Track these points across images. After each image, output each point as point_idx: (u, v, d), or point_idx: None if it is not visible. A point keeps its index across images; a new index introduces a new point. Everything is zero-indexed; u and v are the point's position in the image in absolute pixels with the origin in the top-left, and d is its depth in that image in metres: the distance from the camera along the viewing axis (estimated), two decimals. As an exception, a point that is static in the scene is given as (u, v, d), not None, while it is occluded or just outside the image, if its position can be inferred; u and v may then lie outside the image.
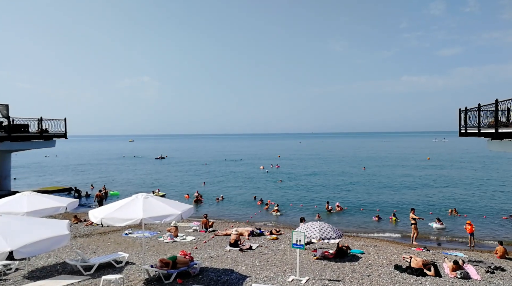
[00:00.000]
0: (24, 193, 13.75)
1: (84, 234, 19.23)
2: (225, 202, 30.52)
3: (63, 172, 57.67)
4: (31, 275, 12.44)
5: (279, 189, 36.69)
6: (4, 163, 30.77)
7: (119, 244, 17.10)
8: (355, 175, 46.97)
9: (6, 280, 11.89)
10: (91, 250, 15.97)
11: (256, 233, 18.68)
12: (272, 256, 14.79)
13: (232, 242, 16.18)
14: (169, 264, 11.74)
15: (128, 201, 11.63)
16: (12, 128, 28.71)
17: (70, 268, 13.02)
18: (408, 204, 28.16)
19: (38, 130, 30.65)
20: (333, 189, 36.20)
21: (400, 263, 13.58)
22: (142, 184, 42.13)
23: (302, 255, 14.50)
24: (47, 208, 12.99)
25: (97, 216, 10.98)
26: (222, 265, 13.51)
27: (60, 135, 32.54)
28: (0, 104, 28.55)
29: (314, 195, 32.94)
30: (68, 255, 14.79)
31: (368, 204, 28.45)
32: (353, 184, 39.27)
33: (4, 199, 13.34)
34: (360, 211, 26.11)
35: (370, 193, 33.40)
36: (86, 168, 63.31)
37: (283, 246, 16.43)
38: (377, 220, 23.44)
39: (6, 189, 30.05)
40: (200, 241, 17.57)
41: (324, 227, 14.25)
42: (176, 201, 13.10)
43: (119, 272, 12.51)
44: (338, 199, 29.62)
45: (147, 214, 10.80)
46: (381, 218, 23.69)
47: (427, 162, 64.82)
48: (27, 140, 30.53)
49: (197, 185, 39.91)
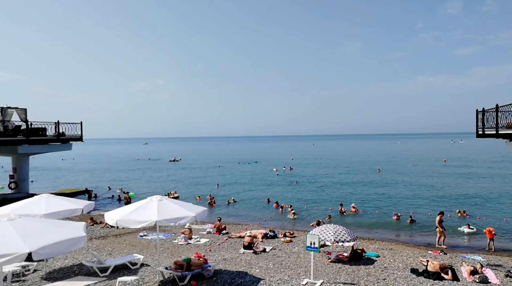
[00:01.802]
0: (42, 195, 13.99)
1: (100, 235, 19.49)
2: (238, 204, 30.54)
3: (80, 174, 58.59)
4: (49, 276, 12.66)
5: (293, 191, 36.55)
6: (23, 166, 31.41)
7: (134, 246, 17.27)
8: (370, 177, 46.48)
9: (25, 281, 12.12)
10: (107, 251, 16.16)
11: (270, 236, 18.63)
12: (286, 258, 14.73)
13: (246, 245, 16.16)
14: (184, 266, 11.80)
15: (143, 203, 11.74)
16: (30, 132, 29.33)
17: (86, 269, 13.20)
18: (424, 207, 27.75)
19: (55, 133, 31.24)
20: (347, 191, 35.89)
21: (417, 267, 13.36)
22: (157, 186, 42.50)
23: (316, 258, 14.40)
24: (64, 210, 13.18)
25: (113, 218, 11.12)
26: (236, 267, 13.51)
27: (76, 139, 33.10)
28: (19, 108, 29.22)
29: (328, 197, 32.71)
30: (84, 257, 15.01)
31: (383, 206, 28.11)
32: (367, 186, 38.87)
33: (23, 201, 13.60)
34: (375, 214, 25.82)
35: (385, 195, 33.00)
36: (102, 171, 64.18)
37: (297, 249, 16.34)
38: (396, 219, 23.17)
39: (25, 191, 30.67)
40: (214, 243, 17.62)
41: (339, 229, 14.12)
42: (190, 203, 13.16)
43: (134, 274, 12.62)
44: (353, 201, 29.32)
45: (162, 216, 10.89)
46: (400, 218, 23.40)
47: (444, 163, 63.76)
48: (44, 144, 31.15)
49: (210, 187, 40.07)
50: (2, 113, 28.30)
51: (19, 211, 12.14)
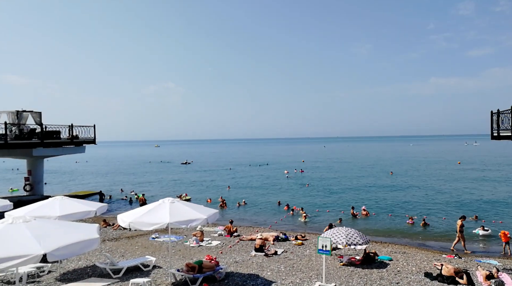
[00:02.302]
0: (56, 197, 14.20)
1: (113, 237, 19.68)
2: (249, 206, 30.53)
3: (93, 177, 59.31)
4: (63, 277, 12.82)
5: (304, 194, 36.41)
6: (38, 169, 31.93)
7: (146, 248, 17.39)
8: (382, 180, 46.04)
9: (40, 282, 12.30)
10: (120, 253, 16.31)
11: (281, 238, 18.58)
12: (297, 261, 14.67)
13: (257, 247, 16.15)
14: (195, 269, 11.84)
15: (155, 205, 11.84)
16: (45, 135, 29.82)
17: (99, 271, 13.34)
18: (438, 210, 27.36)
19: (69, 136, 31.71)
20: (358, 194, 35.60)
21: (431, 271, 13.17)
22: (168, 188, 42.76)
23: (328, 261, 14.31)
24: (78, 212, 13.36)
25: (126, 220, 11.23)
26: (247, 270, 13.50)
27: (89, 141, 33.54)
28: (34, 112, 29.76)
29: (339, 200, 32.49)
30: (97, 258, 15.17)
31: (396, 209, 27.80)
32: (380, 189, 38.50)
33: (38, 203, 13.84)
34: (388, 217, 25.54)
35: (397, 198, 32.64)
36: (115, 173, 64.85)
37: (308, 252, 16.26)
38: (411, 223, 22.84)
39: (39, 193, 31.15)
40: (225, 246, 17.64)
41: (351, 232, 14.01)
42: (201, 206, 13.21)
43: (146, 275, 12.71)
44: (364, 204, 29.06)
45: (174, 218, 10.96)
46: (415, 221, 23.08)
47: (458, 166, 62.82)
48: (58, 147, 31.64)
49: (221, 190, 40.15)
50: (17, 116, 28.86)
51: (34, 213, 12.34)
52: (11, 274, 12.48)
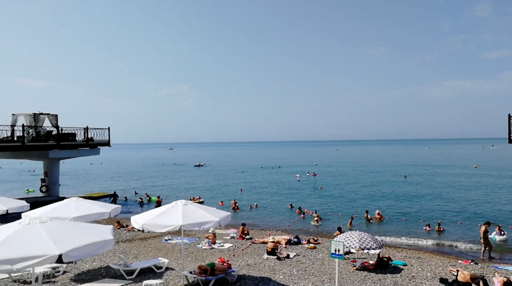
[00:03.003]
0: (71, 198, 14.42)
1: (126, 239, 19.88)
2: (261, 209, 30.50)
3: (107, 179, 60.07)
4: (78, 278, 13.00)
5: (316, 197, 36.21)
6: (54, 170, 32.48)
7: (159, 249, 17.51)
8: (396, 184, 45.50)
9: (55, 282, 12.49)
10: (133, 255, 16.46)
11: (293, 242, 18.49)
12: (310, 265, 14.58)
13: (269, 250, 16.10)
14: (208, 271, 11.86)
15: (168, 207, 11.91)
16: (61, 137, 30.37)
17: (113, 272, 13.47)
18: (454, 214, 26.89)
19: (84, 139, 32.22)
20: (372, 198, 35.24)
21: (446, 276, 12.94)
22: (181, 190, 43.03)
23: (341, 265, 14.18)
24: (92, 214, 13.53)
25: (139, 222, 11.33)
26: (259, 273, 13.47)
27: (104, 144, 34.01)
28: (50, 114, 30.35)
29: (352, 204, 32.21)
30: (111, 259, 15.33)
31: (410, 214, 27.42)
32: (393, 193, 38.05)
33: (53, 204, 14.07)
34: (402, 221, 25.21)
35: (411, 202, 32.20)
36: (128, 175, 65.57)
37: (321, 255, 16.15)
38: (428, 229, 22.39)
39: (55, 194, 31.68)
40: (237, 249, 17.64)
41: (364, 236, 13.85)
42: (214, 208, 13.26)
43: (159, 277, 12.79)
44: (378, 208, 28.75)
45: (186, 220, 11.01)
46: (431, 227, 22.66)
47: (475, 170, 61.70)
48: (74, 149, 32.18)
49: (234, 192, 40.22)
50: (34, 119, 29.46)
51: (50, 213, 12.53)
52: (27, 274, 12.69)
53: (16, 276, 12.69)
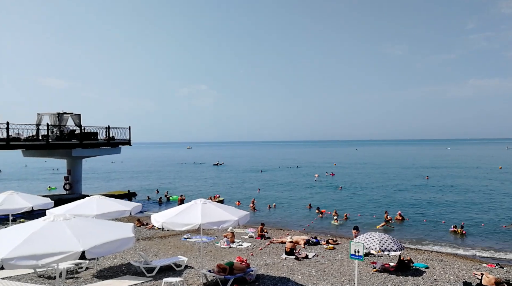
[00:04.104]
0: (93, 196, 14.71)
1: (146, 237, 20.16)
2: (279, 209, 30.42)
3: (128, 177, 61.10)
4: (100, 274, 13.26)
5: (336, 197, 35.88)
6: (76, 168, 33.22)
7: (179, 248, 17.69)
8: (417, 184, 44.63)
9: (78, 278, 12.79)
10: (153, 252, 16.68)
11: (312, 242, 18.37)
12: (329, 266, 14.45)
13: (288, 250, 16.05)
14: (226, 270, 11.91)
15: (188, 206, 12.01)
16: (83, 136, 31.05)
17: (134, 269, 13.69)
18: (477, 216, 26.18)
19: (105, 138, 32.85)
20: (392, 198, 34.66)
21: (470, 280, 12.61)
22: (200, 189, 43.35)
23: (361, 267, 14.00)
24: (114, 211, 13.77)
25: (159, 220, 11.46)
26: (278, 273, 13.44)
27: (125, 143, 34.58)
28: (74, 114, 31.06)
29: (372, 204, 31.77)
30: (132, 257, 15.58)
31: (431, 215, 26.85)
32: (415, 194, 37.34)
33: (76, 202, 14.40)
34: (423, 222, 24.71)
35: (434, 204, 31.52)
36: (148, 174, 66.53)
37: (340, 256, 15.99)
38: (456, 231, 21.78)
39: (78, 192, 32.40)
40: (256, 248, 17.65)
41: (384, 238, 13.65)
42: (232, 207, 13.30)
43: (178, 275, 12.92)
44: (399, 208, 28.24)
45: (205, 219, 11.07)
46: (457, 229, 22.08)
47: (499, 171, 59.92)
48: (96, 147, 32.84)
49: (252, 192, 40.26)
50: (58, 118, 30.22)
51: (73, 211, 12.83)
52: (51, 270, 13.02)
53: (41, 272, 13.04)
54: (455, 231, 21.79)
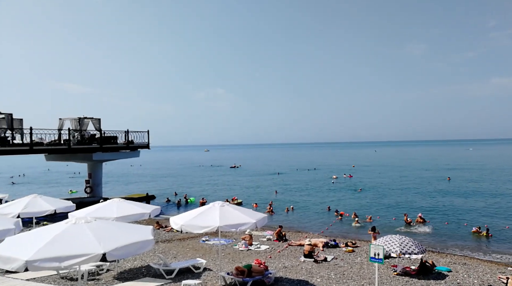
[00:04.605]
0: (114, 199, 14.96)
1: (165, 239, 20.35)
2: (297, 212, 30.24)
3: (146, 180, 61.89)
4: (120, 276, 13.45)
5: (355, 199, 35.46)
6: (97, 172, 33.86)
7: (197, 250, 17.79)
8: (438, 186, 43.69)
9: (99, 280, 13.00)
10: (172, 255, 16.82)
11: (331, 245, 18.20)
12: (348, 269, 14.28)
13: (306, 253, 15.94)
14: (245, 272, 11.91)
15: (206, 208, 12.07)
16: (103, 140, 31.62)
17: (153, 271, 13.83)
18: (501, 219, 25.44)
19: (125, 141, 33.37)
20: (412, 200, 34.04)
21: (495, 284, 12.25)
22: (218, 192, 43.52)
23: (381, 270, 13.79)
24: (133, 214, 13.96)
25: (178, 222, 11.55)
26: (296, 275, 13.35)
27: (144, 146, 35.05)
28: (94, 118, 31.69)
29: (391, 206, 31.26)
30: (151, 259, 15.75)
31: (453, 218, 26.24)
32: (436, 195, 36.57)
33: (97, 205, 14.67)
34: (445, 225, 24.16)
35: (456, 205, 30.79)
36: (167, 177, 67.23)
37: (359, 259, 15.78)
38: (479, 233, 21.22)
39: (98, 195, 32.98)
40: (274, 250, 17.60)
41: (405, 241, 13.39)
42: (250, 210, 13.30)
43: (197, 277, 12.99)
44: (419, 210, 27.70)
45: (224, 222, 11.10)
46: (481, 230, 21.52)
47: (524, 171, 58.15)
48: (115, 151, 33.39)
49: (269, 194, 40.18)
50: (79, 123, 30.89)
51: (94, 214, 13.06)
52: (73, 272, 13.28)
53: (64, 273, 13.32)
54: (478, 232, 21.30)
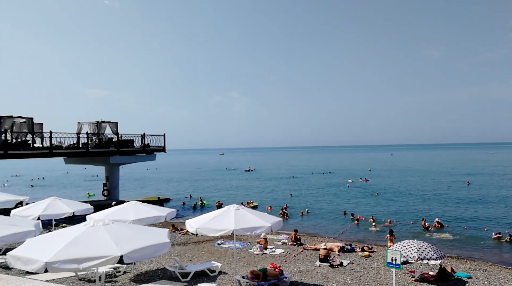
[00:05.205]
0: (130, 202, 15.16)
1: (181, 242, 20.48)
2: (312, 215, 30.03)
3: (163, 183, 62.48)
4: (136, 278, 13.59)
5: (370, 204, 35.04)
6: (114, 175, 34.32)
7: (212, 253, 17.84)
8: (457, 190, 42.82)
9: (116, 281, 13.16)
10: (187, 258, 16.91)
11: (347, 249, 18.01)
12: (364, 274, 14.10)
13: (322, 257, 15.81)
14: (260, 276, 11.89)
15: (221, 212, 12.11)
16: (120, 143, 32.09)
17: (169, 274, 13.93)
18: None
19: (141, 145, 33.80)
20: (430, 205, 33.43)
21: (517, 292, 11.91)
22: (232, 195, 43.61)
23: (399, 275, 13.57)
24: (150, 217, 14.11)
25: (193, 225, 11.61)
26: (312, 280, 13.25)
27: (160, 150, 35.42)
28: (111, 122, 32.20)
29: (409, 211, 30.76)
30: (167, 262, 15.86)
31: (473, 222, 25.66)
32: (455, 200, 35.84)
33: (114, 207, 14.89)
34: (464, 230, 23.63)
35: (475, 210, 30.11)
36: (182, 180, 67.73)
37: (376, 264, 15.57)
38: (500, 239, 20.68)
39: (115, 198, 33.42)
40: (289, 254, 17.51)
41: (423, 246, 13.14)
42: (265, 213, 13.27)
43: (212, 281, 13.02)
44: (437, 215, 27.20)
45: (239, 225, 11.11)
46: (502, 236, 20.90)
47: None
48: (132, 155, 33.83)
49: (284, 198, 40.06)
50: (97, 127, 31.43)
51: (111, 216, 13.25)
52: (91, 273, 13.49)
53: (82, 275, 13.54)
54: (499, 238, 20.76)
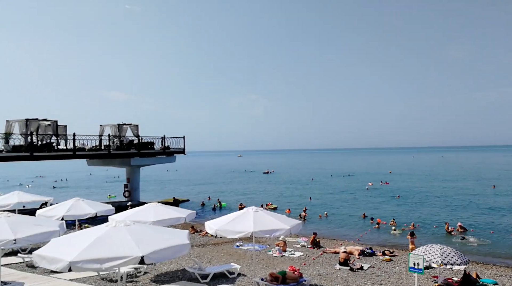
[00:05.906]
0: (151, 203, 15.36)
1: (200, 243, 20.62)
2: (332, 218, 29.75)
3: (182, 185, 63.11)
4: (157, 279, 13.75)
5: (390, 207, 34.45)
6: (135, 176, 34.89)
7: (231, 255, 17.88)
8: (482, 194, 41.63)
9: (137, 282, 13.36)
10: (207, 259, 17.01)
11: (367, 253, 17.75)
12: (385, 278, 13.86)
13: (342, 261, 15.63)
14: (279, 279, 11.84)
15: (240, 214, 12.12)
16: (141, 145, 32.62)
17: (188, 275, 14.04)
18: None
19: (161, 147, 34.26)
20: (454, 208, 32.62)
21: (546, 300, 11.47)
22: (251, 197, 43.66)
23: (421, 280, 13.28)
24: (170, 218, 14.25)
25: (212, 227, 11.66)
26: (331, 283, 13.12)
27: (179, 152, 35.82)
28: (132, 124, 32.78)
29: (431, 214, 30.09)
30: (187, 263, 15.99)
31: (499, 227, 24.89)
32: (479, 204, 34.86)
33: (135, 208, 15.12)
34: (489, 234, 22.95)
35: (501, 215, 29.20)
36: (201, 182, 68.26)
37: (398, 269, 15.28)
38: None
39: (136, 199, 33.95)
40: (308, 257, 17.39)
41: (447, 251, 12.80)
42: (284, 216, 13.22)
43: (231, 282, 13.05)
44: (461, 219, 26.51)
45: (258, 227, 11.09)
46: None
47: None
48: (152, 156, 34.33)
49: (303, 200, 39.82)
50: (118, 129, 32.05)
51: (132, 217, 13.46)
52: (113, 273, 13.72)
53: (104, 275, 13.79)
54: None
